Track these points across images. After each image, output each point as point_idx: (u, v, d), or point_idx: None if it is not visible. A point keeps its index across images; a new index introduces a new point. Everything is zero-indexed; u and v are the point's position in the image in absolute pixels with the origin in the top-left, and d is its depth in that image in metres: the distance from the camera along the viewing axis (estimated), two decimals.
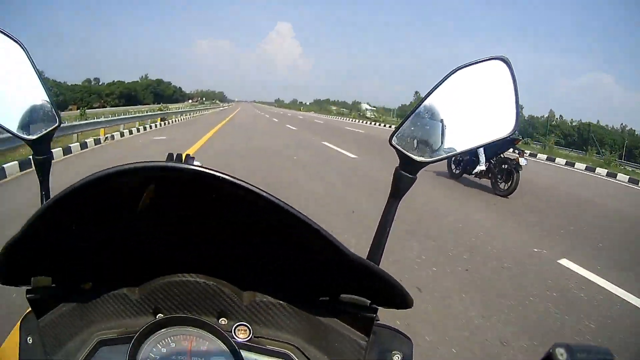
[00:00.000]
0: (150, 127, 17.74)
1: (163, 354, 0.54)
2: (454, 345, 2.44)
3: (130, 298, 0.55)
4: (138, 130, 15.78)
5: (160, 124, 19.66)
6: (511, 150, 6.64)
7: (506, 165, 6.39)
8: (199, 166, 0.37)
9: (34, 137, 0.60)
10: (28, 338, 0.61)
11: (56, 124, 0.60)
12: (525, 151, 6.66)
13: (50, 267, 0.54)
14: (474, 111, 0.58)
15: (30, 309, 0.64)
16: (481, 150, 6.26)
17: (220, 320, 0.54)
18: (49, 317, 0.55)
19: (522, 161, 6.14)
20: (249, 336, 0.53)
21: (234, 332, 0.53)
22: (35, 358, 0.58)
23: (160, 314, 0.55)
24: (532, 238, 4.63)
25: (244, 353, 0.52)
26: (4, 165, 6.38)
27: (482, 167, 6.64)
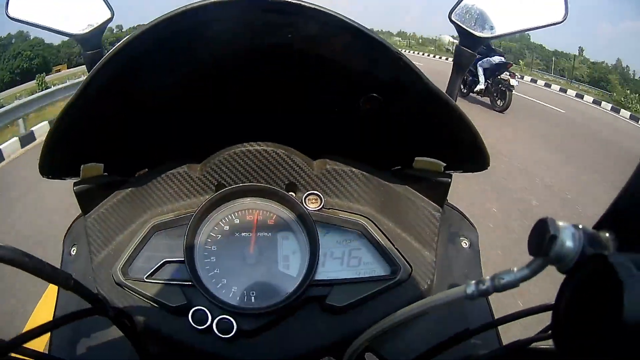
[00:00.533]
0: None
1: (225, 232, 0.50)
2: None
3: (191, 176, 0.51)
4: None
5: None
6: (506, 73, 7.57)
7: (501, 85, 7.47)
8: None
9: (86, 31, 0.59)
10: (72, 249, 0.56)
11: (109, 16, 0.59)
12: (516, 73, 7.87)
13: (101, 154, 0.51)
14: None
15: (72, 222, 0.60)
16: (481, 70, 7.45)
17: (288, 193, 0.51)
18: (97, 211, 0.51)
19: (513, 82, 7.22)
20: (320, 206, 0.50)
21: (304, 202, 0.50)
22: (77, 269, 0.54)
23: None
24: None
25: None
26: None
27: (481, 85, 7.66)
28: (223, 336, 0.46)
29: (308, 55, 0.41)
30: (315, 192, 0.50)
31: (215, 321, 0.46)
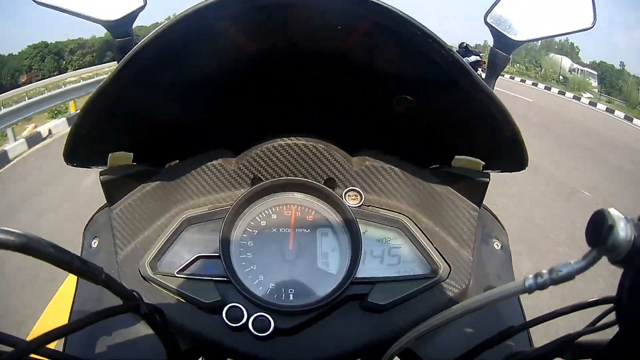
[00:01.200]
0: None
1: (262, 227, 0.49)
2: None
3: (226, 169, 0.50)
4: None
5: None
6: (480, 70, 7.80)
7: None
8: None
9: (116, 18, 0.57)
10: (93, 242, 0.54)
11: (141, 4, 0.57)
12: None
13: (131, 143, 0.49)
14: (558, 1, 0.61)
15: (93, 216, 0.57)
16: None
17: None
18: (123, 202, 0.49)
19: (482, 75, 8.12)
20: (360, 202, 0.49)
21: (344, 199, 0.49)
22: (99, 261, 0.51)
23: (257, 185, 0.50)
24: None
25: None
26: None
27: None
28: (259, 334, 0.44)
29: (345, 56, 0.41)
30: (356, 188, 0.50)
31: (252, 319, 0.44)
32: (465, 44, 8.88)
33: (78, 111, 0.43)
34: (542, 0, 0.61)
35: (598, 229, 0.24)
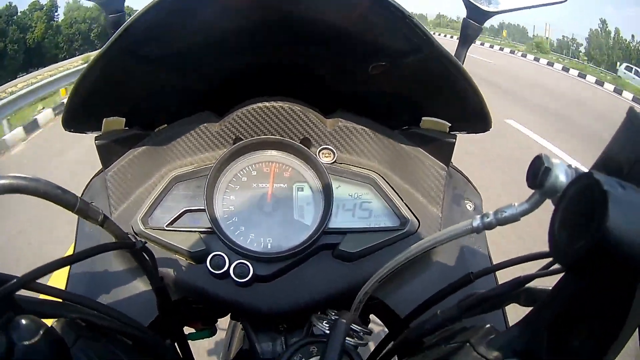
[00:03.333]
0: None
1: (243, 183, 0.52)
2: None
3: (210, 130, 0.54)
4: None
5: None
6: None
7: None
8: None
9: None
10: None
11: None
12: None
13: (123, 109, 0.53)
14: None
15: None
16: None
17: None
18: (117, 165, 0.54)
19: None
20: (333, 159, 0.53)
21: (318, 156, 0.53)
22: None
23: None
24: None
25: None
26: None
27: None
28: (239, 280, 0.48)
29: (319, 22, 0.44)
30: (329, 146, 0.53)
31: (233, 266, 0.48)
32: None
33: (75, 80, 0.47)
34: None
35: (536, 173, 0.26)
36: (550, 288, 0.29)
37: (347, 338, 0.37)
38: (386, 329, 0.58)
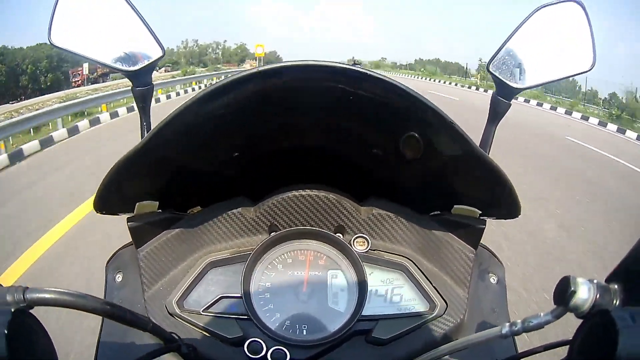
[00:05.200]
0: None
1: (279, 271, 0.54)
2: None
3: (245, 217, 0.55)
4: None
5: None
6: None
7: None
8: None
9: (136, 67, 0.61)
10: (117, 276, 0.59)
11: (161, 54, 0.61)
12: None
13: (157, 192, 0.54)
14: (557, 47, 0.63)
15: (117, 251, 0.63)
16: None
17: (336, 235, 0.55)
18: (150, 245, 0.55)
19: None
20: (367, 248, 0.54)
21: (353, 244, 0.54)
22: (123, 295, 0.57)
23: (274, 232, 0.55)
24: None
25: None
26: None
27: None
28: None
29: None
30: (363, 235, 0.55)
31: (270, 351, 0.50)
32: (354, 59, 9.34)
33: (111, 167, 0.48)
34: (543, 46, 0.62)
35: (563, 293, 0.30)
36: None
37: None
38: None
